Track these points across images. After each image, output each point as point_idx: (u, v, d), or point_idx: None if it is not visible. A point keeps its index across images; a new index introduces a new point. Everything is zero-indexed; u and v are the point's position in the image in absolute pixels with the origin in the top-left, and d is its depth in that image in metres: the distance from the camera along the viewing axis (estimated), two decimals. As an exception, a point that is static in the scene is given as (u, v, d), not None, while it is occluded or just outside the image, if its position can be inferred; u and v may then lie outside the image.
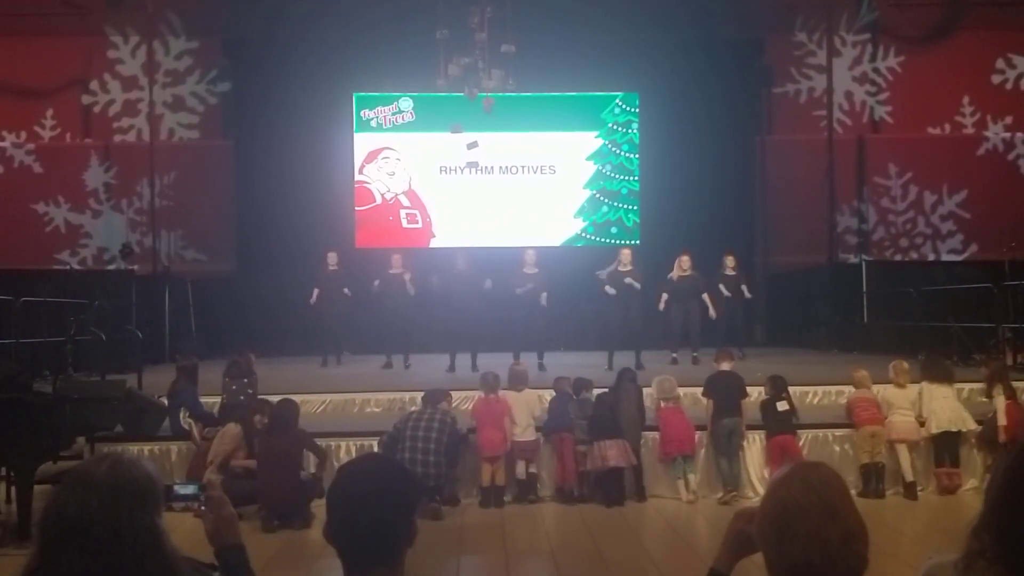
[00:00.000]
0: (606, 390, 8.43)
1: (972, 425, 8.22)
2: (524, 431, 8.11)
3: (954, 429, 8.17)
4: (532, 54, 12.74)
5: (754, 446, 8.26)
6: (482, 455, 7.97)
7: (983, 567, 1.70)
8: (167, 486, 2.17)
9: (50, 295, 11.49)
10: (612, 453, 7.82)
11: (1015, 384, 8.65)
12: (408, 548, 1.99)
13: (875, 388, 8.64)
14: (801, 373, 10.53)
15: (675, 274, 12.06)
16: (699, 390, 8.75)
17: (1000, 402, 8.18)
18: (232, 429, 7.67)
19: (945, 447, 8.18)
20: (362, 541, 1.94)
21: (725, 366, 8.66)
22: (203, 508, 2.28)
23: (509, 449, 8.06)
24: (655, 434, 8.31)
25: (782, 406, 8.26)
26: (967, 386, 9.11)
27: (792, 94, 16.87)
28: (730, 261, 12.65)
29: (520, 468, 8.07)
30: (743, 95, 16.42)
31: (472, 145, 14.30)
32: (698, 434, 8.25)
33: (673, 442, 8.10)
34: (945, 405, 8.27)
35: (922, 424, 8.28)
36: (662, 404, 8.43)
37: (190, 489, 2.33)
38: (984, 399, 8.53)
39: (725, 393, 8.30)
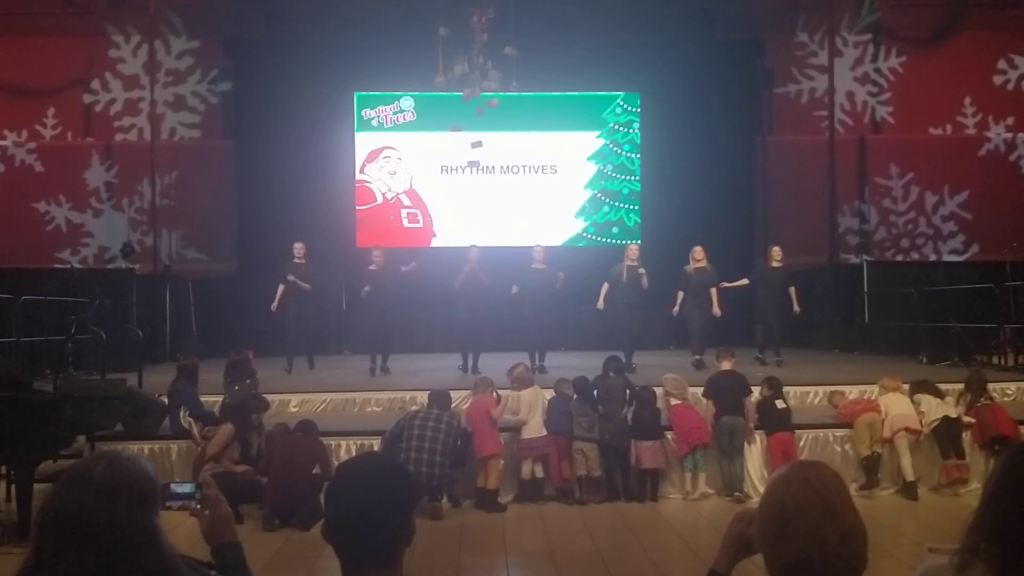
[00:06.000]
0: (640, 388, 8.39)
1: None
2: (535, 429, 8.07)
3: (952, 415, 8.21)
4: (534, 54, 12.72)
5: (755, 446, 8.25)
6: (478, 456, 7.91)
7: (978, 563, 1.70)
8: (164, 485, 2.16)
9: (51, 294, 11.49)
10: (647, 456, 7.93)
11: (1016, 384, 8.64)
12: (406, 547, 1.99)
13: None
14: (802, 374, 10.54)
15: (691, 267, 11.61)
16: (702, 391, 8.74)
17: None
18: (225, 427, 7.68)
19: (947, 439, 8.16)
20: (360, 540, 1.93)
21: (726, 365, 8.62)
22: (199, 507, 2.27)
23: (517, 449, 8.04)
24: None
25: (780, 404, 8.26)
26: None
27: (793, 95, 16.85)
28: (776, 253, 11.90)
29: (526, 468, 8.02)
30: (744, 95, 16.40)
31: (476, 144, 14.26)
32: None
33: (691, 434, 8.09)
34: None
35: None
36: (672, 402, 8.42)
37: (186, 488, 2.32)
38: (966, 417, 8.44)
39: (726, 393, 8.28)
